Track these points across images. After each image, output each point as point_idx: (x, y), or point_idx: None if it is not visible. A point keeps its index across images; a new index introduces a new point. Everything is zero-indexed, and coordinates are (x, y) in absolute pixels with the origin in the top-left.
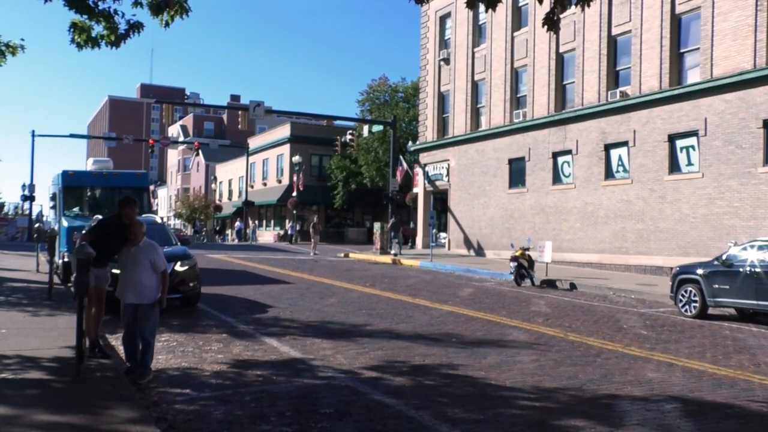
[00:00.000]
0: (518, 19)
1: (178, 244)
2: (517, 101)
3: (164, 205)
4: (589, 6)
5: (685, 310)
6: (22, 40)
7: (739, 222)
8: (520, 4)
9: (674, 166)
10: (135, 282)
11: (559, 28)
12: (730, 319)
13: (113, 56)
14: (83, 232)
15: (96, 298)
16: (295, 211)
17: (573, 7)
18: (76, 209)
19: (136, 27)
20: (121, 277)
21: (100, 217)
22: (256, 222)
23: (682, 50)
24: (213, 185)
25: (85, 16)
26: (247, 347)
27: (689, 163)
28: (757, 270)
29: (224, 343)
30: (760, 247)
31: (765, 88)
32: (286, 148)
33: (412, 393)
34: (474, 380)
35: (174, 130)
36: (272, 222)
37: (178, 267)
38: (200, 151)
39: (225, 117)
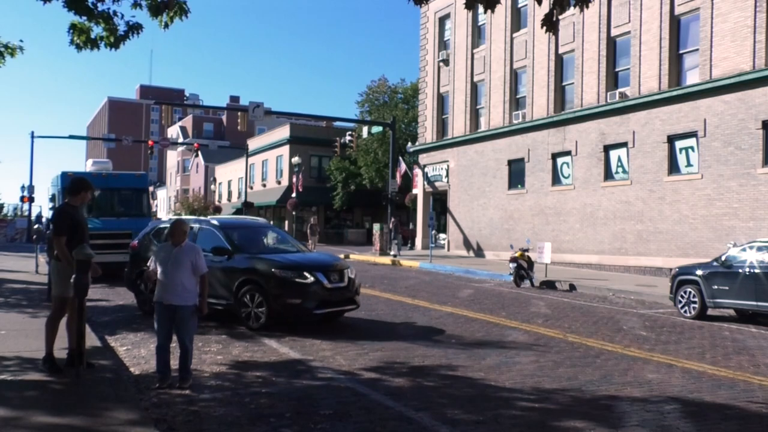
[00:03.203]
0: (517, 20)
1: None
2: (516, 102)
3: (164, 207)
4: (588, 7)
5: (685, 311)
6: (21, 41)
7: (739, 223)
8: (520, 5)
9: (673, 167)
10: (176, 284)
11: (558, 29)
12: (730, 320)
13: (113, 57)
14: (54, 234)
15: (65, 307)
16: (294, 212)
17: (572, 8)
18: None
19: (135, 28)
20: (161, 279)
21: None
22: None
23: (681, 51)
24: (212, 186)
25: (85, 18)
26: (246, 348)
27: (688, 164)
28: (757, 271)
29: (223, 344)
30: (760, 248)
31: (764, 89)
32: (285, 149)
33: (411, 394)
34: (474, 381)
35: (173, 132)
36: (272, 223)
37: (352, 274)
38: (199, 153)
39: (224, 118)
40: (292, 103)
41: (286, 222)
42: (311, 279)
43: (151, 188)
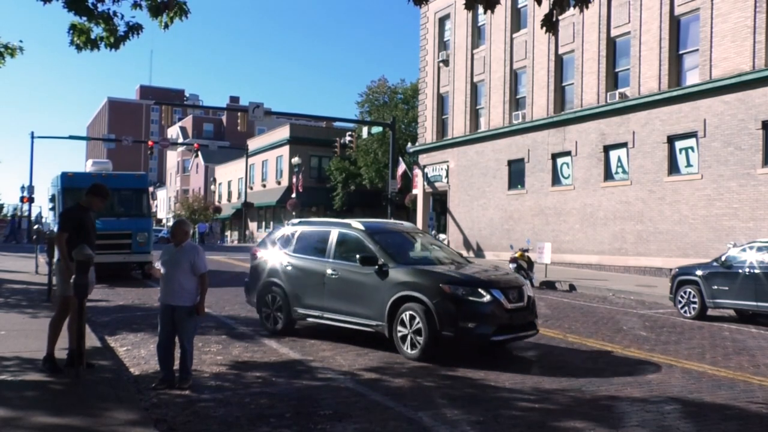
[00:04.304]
0: (517, 20)
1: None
2: (516, 102)
3: (163, 207)
4: (588, 7)
5: (685, 312)
6: (21, 41)
7: (739, 223)
8: (519, 6)
9: (673, 168)
10: (174, 284)
11: (558, 29)
12: (730, 321)
13: (112, 58)
14: (56, 232)
15: (69, 307)
16: (294, 213)
17: (572, 8)
18: None
19: (135, 28)
20: (163, 280)
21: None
22: (214, 224)
23: (681, 52)
24: (212, 187)
25: (85, 18)
26: (246, 349)
27: (688, 165)
28: (756, 271)
29: (223, 344)
30: (759, 249)
31: (764, 89)
32: (285, 150)
33: (411, 394)
34: (473, 381)
35: (173, 132)
36: (271, 223)
37: (530, 292)
38: (199, 153)
39: (224, 118)
40: (292, 104)
41: (286, 223)
42: (488, 297)
43: (151, 189)
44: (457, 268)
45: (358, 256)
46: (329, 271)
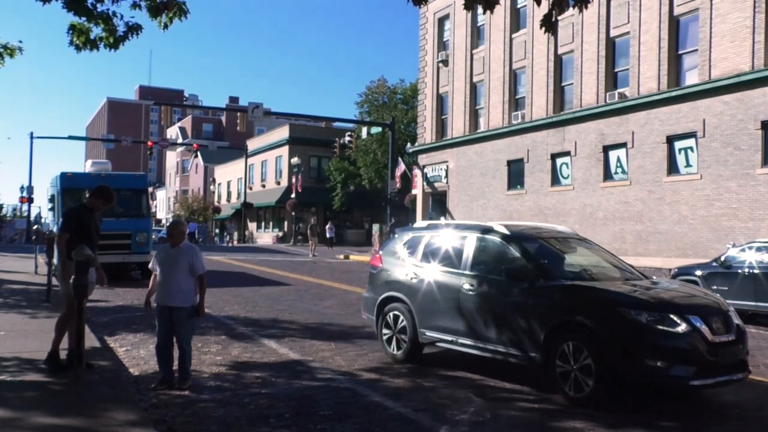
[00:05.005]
0: (516, 20)
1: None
2: (515, 103)
3: (163, 207)
4: (587, 7)
5: None
6: (20, 42)
7: (738, 223)
8: (519, 6)
9: (673, 168)
10: (172, 284)
11: (557, 29)
12: None
13: (112, 58)
14: (58, 231)
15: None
16: (293, 213)
17: (571, 8)
18: None
19: (134, 29)
20: (159, 281)
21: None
22: (230, 225)
23: (680, 52)
24: (212, 187)
25: (84, 18)
26: (246, 349)
27: (687, 165)
28: (756, 271)
29: (223, 344)
30: (759, 249)
31: (763, 89)
32: (284, 150)
33: (411, 395)
34: (473, 381)
35: (172, 132)
36: (271, 224)
37: (737, 319)
38: (199, 153)
39: (224, 119)
40: (291, 104)
41: (286, 223)
42: (684, 326)
43: (150, 189)
44: (634, 285)
45: (503, 268)
46: (466, 286)
